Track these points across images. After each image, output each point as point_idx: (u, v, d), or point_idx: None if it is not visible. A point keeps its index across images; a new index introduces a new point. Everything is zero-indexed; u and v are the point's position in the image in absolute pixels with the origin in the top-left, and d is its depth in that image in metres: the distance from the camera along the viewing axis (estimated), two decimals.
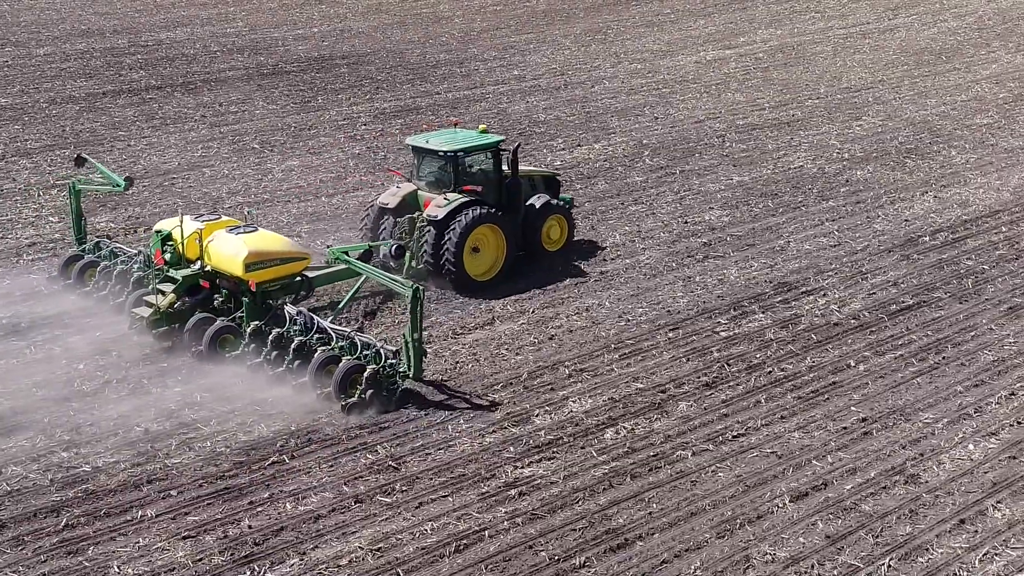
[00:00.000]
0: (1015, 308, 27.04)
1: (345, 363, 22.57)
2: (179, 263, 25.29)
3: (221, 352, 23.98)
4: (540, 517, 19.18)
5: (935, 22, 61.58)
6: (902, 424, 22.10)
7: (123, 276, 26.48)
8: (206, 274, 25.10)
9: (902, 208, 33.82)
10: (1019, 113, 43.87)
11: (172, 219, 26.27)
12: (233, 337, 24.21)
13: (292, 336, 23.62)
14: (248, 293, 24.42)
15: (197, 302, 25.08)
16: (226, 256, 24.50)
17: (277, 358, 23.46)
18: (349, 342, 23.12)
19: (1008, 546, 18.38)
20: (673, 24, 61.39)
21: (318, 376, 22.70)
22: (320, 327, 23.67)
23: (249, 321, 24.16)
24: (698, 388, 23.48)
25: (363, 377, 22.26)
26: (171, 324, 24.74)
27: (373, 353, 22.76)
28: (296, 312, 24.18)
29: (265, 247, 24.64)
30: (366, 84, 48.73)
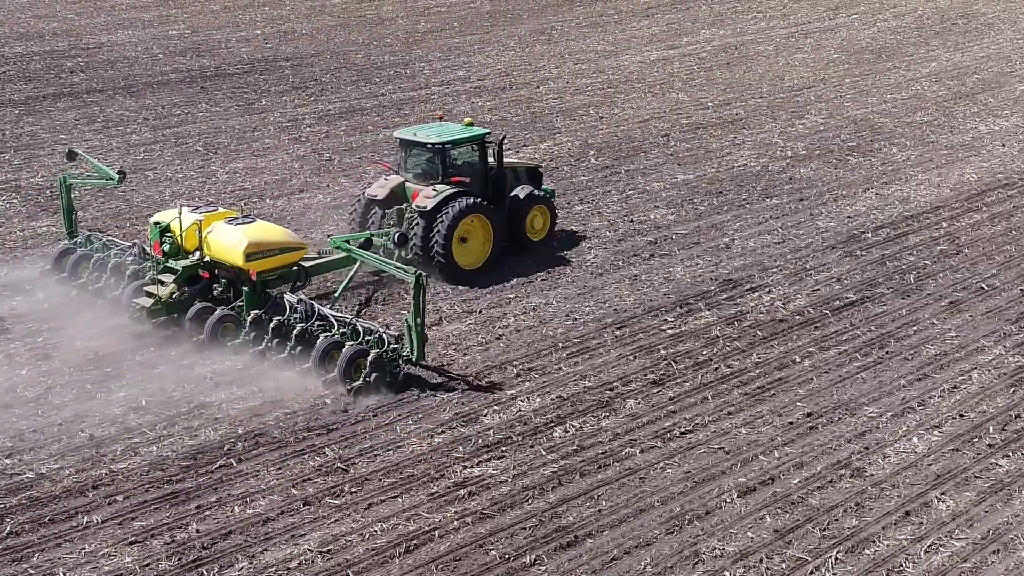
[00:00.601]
0: (956, 303, 27.39)
1: (348, 348, 23.03)
2: (177, 254, 25.64)
3: (223, 340, 24.39)
4: (490, 516, 19.18)
5: (875, 21, 62.20)
6: (847, 418, 22.32)
7: (117, 269, 26.73)
8: (205, 264, 25.52)
9: (845, 205, 34.15)
10: (958, 111, 44.43)
11: (170, 211, 26.58)
12: (234, 326, 24.62)
13: (293, 324, 24.04)
14: (248, 282, 24.88)
15: (196, 292, 25.49)
16: (226, 246, 24.98)
17: (279, 345, 23.91)
18: (351, 328, 23.60)
19: (952, 537, 18.62)
20: (617, 25, 61.58)
21: (322, 362, 23.13)
22: (321, 314, 24.13)
23: (249, 310, 24.62)
24: (646, 385, 23.59)
25: (367, 361, 22.78)
26: (171, 314, 25.14)
27: (376, 338, 23.30)
28: (296, 300, 24.61)
29: (264, 237, 25.20)
30: (310, 86, 48.50)
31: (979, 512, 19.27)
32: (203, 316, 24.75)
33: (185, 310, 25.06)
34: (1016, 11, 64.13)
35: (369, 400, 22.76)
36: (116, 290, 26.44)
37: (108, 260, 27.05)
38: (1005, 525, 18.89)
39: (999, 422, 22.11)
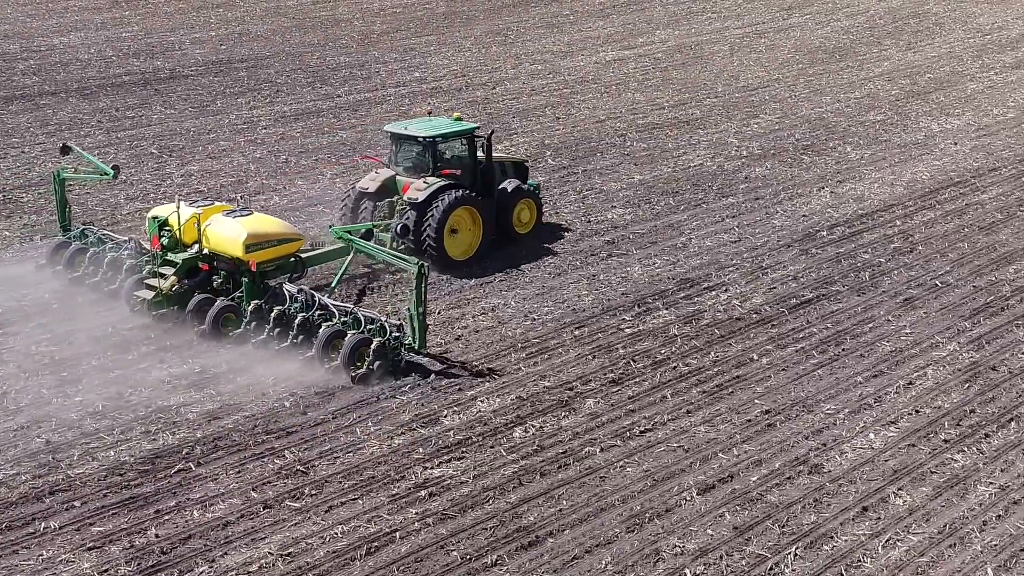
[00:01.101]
0: (911, 300, 27.66)
1: (351, 337, 23.53)
2: (176, 247, 26.08)
3: (224, 330, 24.84)
4: (451, 517, 19.19)
5: (828, 21, 62.68)
6: (804, 415, 22.49)
7: (114, 263, 27.11)
8: (204, 257, 25.95)
9: (800, 204, 34.40)
10: (911, 109, 44.85)
11: (167, 205, 27.01)
12: (234, 316, 25.09)
13: (294, 314, 24.46)
14: (248, 273, 25.36)
15: (195, 284, 25.92)
16: (226, 238, 25.45)
17: (280, 335, 24.38)
18: (352, 317, 24.08)
19: (909, 532, 18.81)
20: (572, 25, 61.71)
21: (325, 351, 23.61)
22: (321, 304, 24.59)
23: (249, 300, 25.06)
24: (605, 385, 23.67)
25: (370, 350, 23.31)
26: (171, 306, 25.64)
27: (378, 327, 23.80)
28: (297, 290, 25.07)
29: (263, 229, 25.71)
30: (265, 88, 48.27)
31: (935, 507, 19.48)
32: (204, 307, 25.15)
33: (185, 302, 25.51)
34: (967, 11, 64.83)
35: (329, 404, 22.73)
36: (112, 284, 26.84)
37: (104, 254, 27.44)
38: (961, 519, 19.11)
39: (954, 417, 22.35)
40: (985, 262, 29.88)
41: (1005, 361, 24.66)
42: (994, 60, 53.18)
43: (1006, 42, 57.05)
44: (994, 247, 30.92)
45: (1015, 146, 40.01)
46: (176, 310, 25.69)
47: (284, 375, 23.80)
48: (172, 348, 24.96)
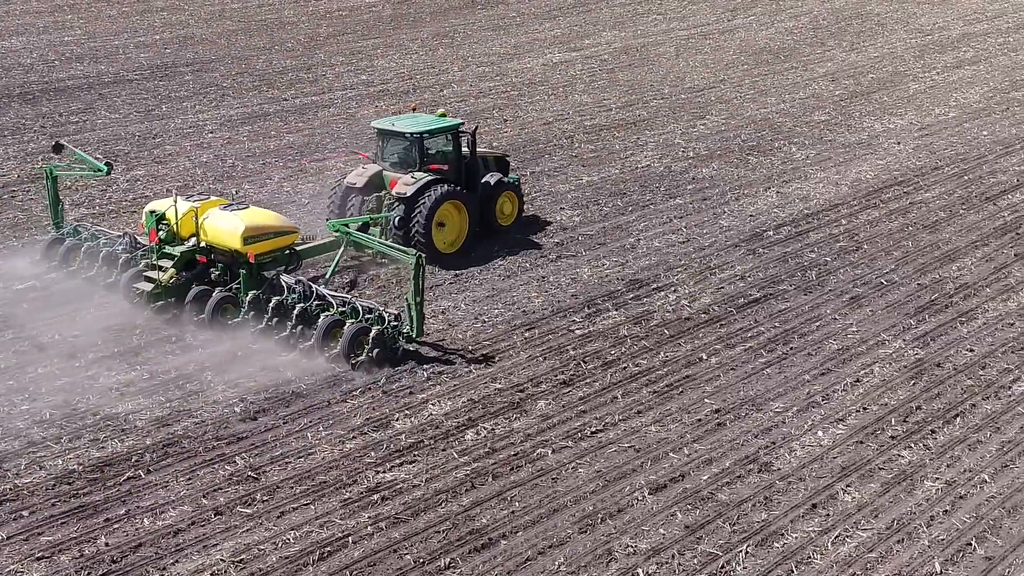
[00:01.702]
0: (857, 298, 27.96)
1: (351, 326, 24.21)
2: (173, 240, 26.75)
3: (223, 319, 25.51)
4: (403, 521, 19.18)
5: (772, 22, 63.17)
6: (754, 414, 22.68)
7: (109, 257, 27.76)
8: (202, 249, 26.57)
9: (746, 204, 34.66)
10: (854, 109, 45.30)
11: (165, 200, 27.63)
12: (232, 306, 25.73)
13: (292, 304, 25.07)
14: (246, 265, 25.97)
15: (193, 276, 26.57)
16: (224, 231, 26.06)
17: (279, 324, 25.04)
18: (351, 307, 24.77)
19: (858, 528, 19.02)
20: (519, 27, 61.81)
21: (324, 340, 24.33)
22: (319, 294, 25.22)
23: (246, 291, 25.68)
24: (556, 386, 23.74)
25: (369, 338, 24.02)
26: (169, 298, 26.20)
27: (376, 316, 24.44)
28: (295, 281, 25.64)
29: (260, 222, 26.42)
30: (211, 91, 47.97)
31: (883, 503, 19.70)
32: (202, 299, 25.80)
33: (182, 294, 26.13)
34: (908, 11, 65.56)
35: (280, 409, 22.65)
36: (109, 278, 27.49)
37: (99, 249, 28.04)
38: (908, 515, 19.34)
39: (901, 414, 22.62)
40: (929, 260, 30.25)
41: (950, 358, 24.97)
42: (935, 60, 53.82)
43: (947, 42, 57.75)
44: (937, 245, 31.31)
45: (957, 145, 40.52)
46: (174, 302, 26.21)
47: (234, 380, 23.72)
48: (120, 355, 24.79)
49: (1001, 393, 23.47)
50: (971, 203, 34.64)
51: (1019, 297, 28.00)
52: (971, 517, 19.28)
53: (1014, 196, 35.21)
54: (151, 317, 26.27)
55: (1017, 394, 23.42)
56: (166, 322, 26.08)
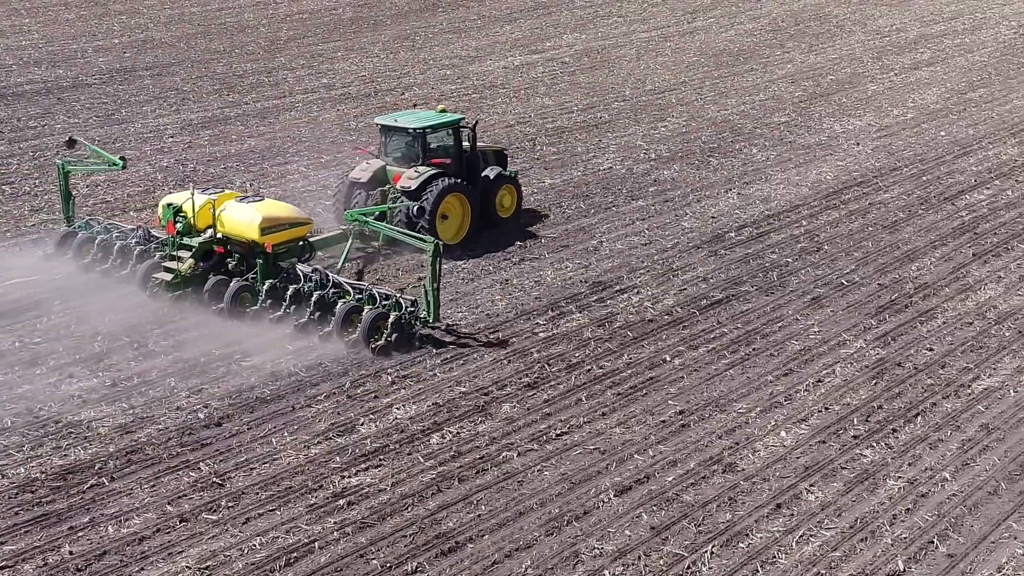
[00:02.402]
0: (818, 299, 28.17)
1: (369, 312, 25.01)
2: (189, 232, 27.49)
3: (241, 308, 26.25)
4: (370, 525, 19.17)
5: (732, 24, 63.53)
6: (717, 415, 22.81)
7: (123, 250, 28.51)
8: (219, 240, 27.36)
9: (708, 205, 34.85)
10: (814, 111, 45.64)
11: (182, 193, 28.59)
12: (250, 295, 26.48)
13: (310, 292, 25.93)
14: (263, 255, 26.78)
15: (210, 267, 27.33)
16: (241, 222, 26.96)
17: (296, 312, 25.86)
18: (367, 294, 25.61)
19: (822, 527, 19.17)
20: (480, 30, 61.85)
21: (343, 326, 25.15)
22: (335, 282, 26.14)
23: (263, 280, 26.44)
24: (520, 389, 23.79)
25: (387, 323, 24.82)
26: (186, 288, 26.98)
27: (393, 302, 25.28)
28: (311, 270, 26.53)
29: (276, 213, 27.38)
30: (171, 96, 47.73)
31: (846, 502, 19.87)
32: (220, 288, 26.56)
33: (201, 284, 26.89)
34: (866, 13, 66.11)
35: (244, 414, 22.60)
36: (123, 270, 28.22)
37: (113, 242, 28.79)
38: (871, 514, 19.51)
39: (862, 414, 22.81)
40: (889, 260, 30.52)
41: (910, 357, 25.20)
42: (893, 62, 54.29)
43: (904, 44, 58.28)
44: (897, 245, 31.59)
45: (915, 146, 40.90)
46: (191, 291, 26.97)
47: (197, 386, 23.64)
48: (81, 362, 24.64)
49: (961, 392, 23.71)
50: (930, 203, 34.98)
51: (977, 296, 28.30)
52: (933, 515, 19.48)
53: (972, 196, 35.59)
54: (113, 322, 26.19)
55: (977, 392, 23.68)
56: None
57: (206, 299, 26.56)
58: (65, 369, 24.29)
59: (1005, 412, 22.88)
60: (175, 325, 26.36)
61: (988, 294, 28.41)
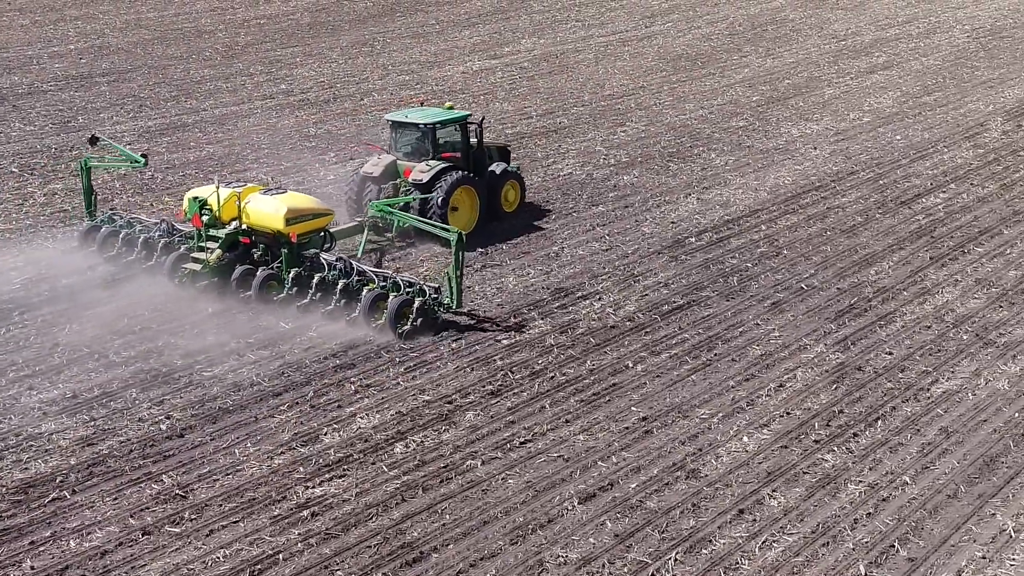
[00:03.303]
0: (778, 303, 28.37)
1: (394, 299, 26.12)
2: (215, 224, 28.38)
3: (268, 295, 27.43)
4: (334, 536, 19.14)
5: (690, 28, 63.81)
6: (680, 421, 22.93)
7: (147, 244, 29.65)
8: (245, 231, 28.40)
9: (668, 211, 35.00)
10: (771, 115, 45.94)
11: (206, 187, 29.37)
12: (277, 283, 27.67)
13: (335, 280, 27.05)
14: (288, 245, 27.85)
15: (235, 257, 28.36)
16: (266, 214, 27.97)
17: (322, 299, 27.04)
18: (392, 282, 26.70)
19: (784, 532, 19.31)
20: (439, 35, 61.81)
21: (370, 312, 26.27)
22: (360, 270, 27.19)
23: (288, 269, 27.57)
24: (484, 397, 23.82)
25: (413, 308, 25.96)
26: (213, 277, 28.02)
27: (417, 289, 26.35)
28: (336, 259, 27.60)
29: (300, 204, 28.33)
30: (129, 102, 47.41)
31: (808, 507, 20.03)
32: (247, 277, 27.72)
33: (228, 273, 27.96)
34: (822, 17, 66.58)
35: (206, 425, 22.50)
36: (148, 262, 29.31)
37: (137, 236, 29.85)
38: (833, 518, 19.68)
39: (823, 418, 23.00)
40: (848, 264, 30.78)
41: (870, 361, 25.44)
42: (849, 66, 54.72)
43: (860, 48, 58.75)
44: (855, 249, 31.86)
45: (872, 150, 41.25)
46: (217, 281, 28.00)
47: (159, 397, 23.52)
48: (41, 373, 24.45)
49: (920, 395, 23.96)
50: (887, 207, 35.30)
51: (935, 300, 28.59)
52: (894, 519, 19.67)
53: (928, 200, 35.94)
54: (73, 332, 26.03)
55: (936, 396, 23.93)
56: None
57: (233, 287, 27.69)
58: (24, 381, 24.09)
59: (964, 415, 23.14)
60: (136, 336, 26.21)
61: (945, 297, 28.70)
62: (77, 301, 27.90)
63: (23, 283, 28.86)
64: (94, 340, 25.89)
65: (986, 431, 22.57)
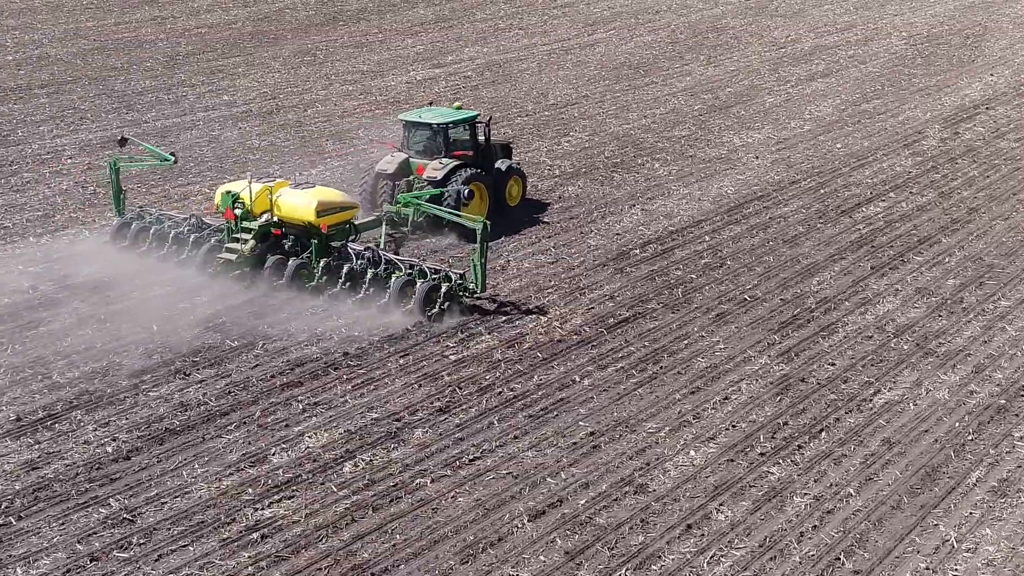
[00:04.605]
0: (722, 315, 28.64)
1: (423, 284, 27.88)
2: (248, 217, 29.92)
3: (300, 283, 29.09)
4: (284, 559, 19.13)
5: (632, 36, 64.15)
6: (628, 435, 23.11)
7: (178, 238, 31.10)
8: (275, 224, 30.07)
9: (613, 222, 35.21)
10: (713, 124, 46.31)
11: (238, 182, 30.93)
12: (308, 272, 29.35)
13: (363, 269, 28.81)
14: (318, 235, 29.73)
15: (266, 248, 29.94)
16: (298, 206, 29.74)
17: (351, 288, 28.65)
18: (418, 269, 28.44)
19: (732, 547, 19.53)
20: (381, 44, 61.71)
21: (399, 297, 27.95)
22: (387, 259, 28.98)
23: (318, 258, 29.42)
24: (432, 414, 23.86)
25: (440, 293, 27.71)
26: (246, 267, 29.63)
27: (443, 275, 28.13)
28: (364, 248, 29.54)
29: (329, 198, 30.15)
30: (68, 114, 46.96)
31: (755, 520, 20.27)
32: (280, 266, 29.28)
33: (259, 263, 29.55)
34: (762, 24, 67.18)
35: (153, 447, 22.37)
36: (181, 255, 30.75)
37: (167, 231, 31.31)
38: (779, 532, 19.92)
39: (769, 430, 23.27)
40: (790, 275, 31.12)
41: (813, 372, 25.76)
42: (789, 73, 55.28)
43: (800, 55, 59.36)
44: (798, 259, 32.22)
45: (812, 159, 41.72)
46: (249, 271, 29.51)
47: (105, 418, 23.35)
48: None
49: (863, 406, 24.30)
50: (828, 217, 35.72)
51: (876, 310, 28.99)
52: (839, 531, 19.95)
53: (868, 209, 36.42)
54: (15, 352, 25.80)
55: (878, 406, 24.28)
56: None
57: (266, 276, 29.13)
58: None
59: (906, 425, 23.49)
60: (80, 355, 26.00)
61: (886, 307, 29.11)
62: (19, 320, 27.64)
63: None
64: (37, 361, 25.66)
65: (927, 441, 22.94)
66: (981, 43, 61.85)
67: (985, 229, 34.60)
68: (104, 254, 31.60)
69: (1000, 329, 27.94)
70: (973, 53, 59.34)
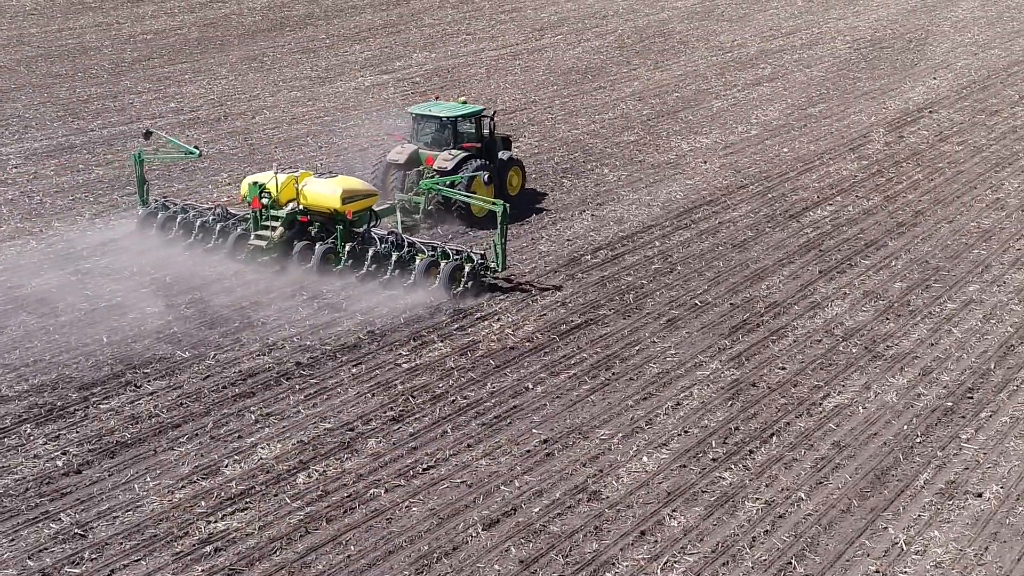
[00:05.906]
0: (673, 320, 28.83)
1: (447, 264, 29.81)
2: (274, 206, 31.72)
3: (328, 267, 30.92)
4: (238, 572, 19.08)
5: (579, 41, 64.35)
6: (581, 442, 23.22)
7: (204, 227, 32.89)
8: (302, 211, 31.86)
9: (563, 228, 35.34)
10: (662, 129, 46.58)
11: (265, 173, 32.71)
12: (334, 256, 31.22)
13: (388, 252, 30.68)
14: (344, 221, 31.47)
15: (293, 234, 31.70)
16: (323, 194, 31.56)
17: (378, 269, 30.50)
18: (441, 251, 30.26)
19: (685, 553, 19.70)
20: (329, 50, 61.51)
21: (424, 277, 29.82)
22: (410, 242, 30.96)
23: (344, 243, 31.25)
24: (386, 423, 23.87)
25: (464, 272, 29.70)
26: (274, 253, 31.42)
27: (465, 256, 30.05)
28: (388, 233, 31.44)
29: (352, 186, 31.99)
30: (13, 123, 46.43)
31: (708, 526, 20.44)
32: (307, 251, 31.16)
33: (284, 249, 31.40)
34: (708, 28, 67.61)
35: (104, 461, 22.19)
36: (207, 244, 32.48)
37: (194, 220, 33.05)
38: (732, 537, 20.11)
39: (720, 436, 23.47)
40: (740, 279, 31.39)
41: (764, 377, 26.00)
42: (736, 78, 55.68)
43: (746, 59, 59.80)
44: (747, 264, 32.50)
45: (760, 163, 42.07)
46: (276, 257, 31.26)
47: (54, 431, 23.15)
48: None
49: (813, 410, 24.56)
50: (776, 221, 36.05)
51: (825, 313, 29.30)
52: (790, 536, 20.16)
53: (815, 213, 36.79)
54: None
55: (828, 410, 24.55)
56: None
57: (296, 259, 30.90)
58: None
59: (855, 429, 23.78)
60: (30, 368, 25.76)
61: (835, 311, 29.43)
62: None
63: None
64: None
65: (876, 444, 23.23)
66: (923, 47, 62.62)
67: (930, 232, 35.08)
68: (53, 265, 31.36)
69: (946, 331, 28.33)
70: (916, 57, 60.07)
